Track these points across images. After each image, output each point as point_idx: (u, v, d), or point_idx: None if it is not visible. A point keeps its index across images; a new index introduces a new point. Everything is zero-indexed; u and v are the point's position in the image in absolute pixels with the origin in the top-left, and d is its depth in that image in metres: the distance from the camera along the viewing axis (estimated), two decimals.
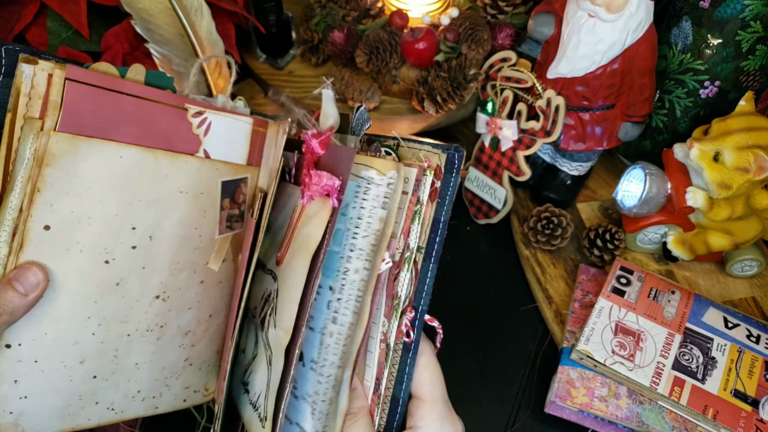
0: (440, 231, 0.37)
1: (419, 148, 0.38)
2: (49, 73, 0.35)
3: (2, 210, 0.35)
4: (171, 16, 0.56)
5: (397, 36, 0.68)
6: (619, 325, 0.60)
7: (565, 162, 0.71)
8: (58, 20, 0.58)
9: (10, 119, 0.35)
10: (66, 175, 0.35)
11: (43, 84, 0.35)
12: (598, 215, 0.74)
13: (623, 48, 0.59)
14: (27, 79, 0.35)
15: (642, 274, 0.64)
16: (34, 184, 0.34)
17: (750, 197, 0.60)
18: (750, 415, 0.54)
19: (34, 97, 0.35)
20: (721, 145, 0.57)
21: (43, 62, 0.35)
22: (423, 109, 0.68)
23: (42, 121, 0.35)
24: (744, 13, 0.58)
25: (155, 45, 0.58)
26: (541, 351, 0.64)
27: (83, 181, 0.36)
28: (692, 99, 0.66)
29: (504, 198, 0.70)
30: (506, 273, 0.71)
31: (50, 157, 0.34)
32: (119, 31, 0.60)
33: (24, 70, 0.35)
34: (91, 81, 0.35)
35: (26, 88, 0.35)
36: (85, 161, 0.36)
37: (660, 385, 0.56)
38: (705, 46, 0.62)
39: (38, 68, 0.35)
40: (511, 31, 0.71)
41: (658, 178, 0.62)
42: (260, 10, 0.68)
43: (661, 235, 0.67)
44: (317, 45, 0.72)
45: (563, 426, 0.58)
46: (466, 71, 0.66)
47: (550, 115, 0.63)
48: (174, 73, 0.61)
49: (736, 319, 0.61)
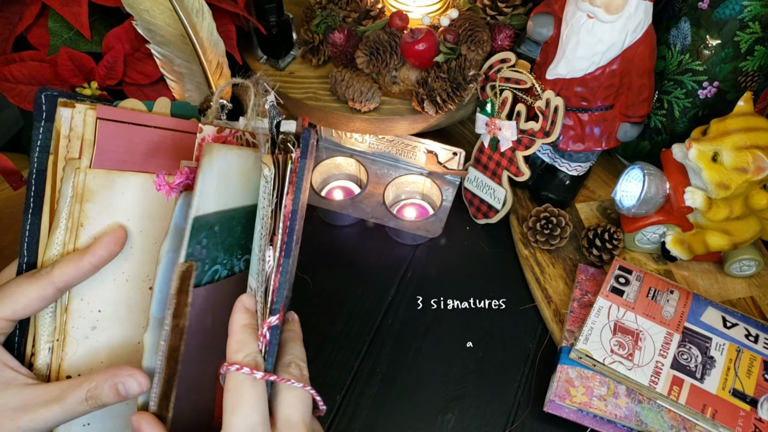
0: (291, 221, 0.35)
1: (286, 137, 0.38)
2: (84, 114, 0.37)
3: (49, 247, 0.36)
4: (172, 17, 0.57)
5: (397, 37, 0.68)
6: (617, 325, 0.60)
7: (564, 162, 0.72)
8: (59, 21, 0.59)
9: (53, 161, 0.37)
10: (105, 208, 0.37)
11: (80, 125, 0.37)
12: (597, 215, 0.74)
13: (622, 49, 0.59)
14: (65, 122, 0.36)
15: (641, 273, 0.65)
16: (76, 219, 0.36)
17: (748, 197, 0.60)
18: (748, 414, 0.54)
19: (73, 139, 0.37)
20: (720, 146, 0.57)
21: (80, 105, 0.37)
22: (423, 110, 0.68)
23: (80, 160, 0.36)
24: (743, 13, 0.59)
25: (156, 46, 0.58)
26: (541, 350, 0.64)
27: (122, 213, 0.37)
28: (691, 99, 0.66)
29: (503, 198, 0.70)
30: (506, 273, 0.71)
31: (89, 193, 0.36)
32: (120, 31, 0.60)
33: (62, 114, 0.36)
34: (120, 118, 0.37)
35: (65, 131, 0.37)
36: (123, 194, 0.37)
37: (659, 384, 0.56)
38: (704, 47, 0.62)
39: (75, 111, 0.36)
40: (510, 32, 0.71)
41: (656, 179, 0.62)
42: (261, 11, 0.68)
43: (659, 235, 0.67)
44: (318, 46, 0.72)
45: (562, 425, 0.58)
46: (465, 72, 0.66)
47: (549, 116, 0.63)
48: (175, 73, 0.61)
49: (735, 318, 0.61)
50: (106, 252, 0.36)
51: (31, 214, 0.37)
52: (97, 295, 0.38)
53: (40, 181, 0.37)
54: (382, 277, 0.70)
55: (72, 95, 0.37)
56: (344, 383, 0.62)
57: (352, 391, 0.61)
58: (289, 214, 0.34)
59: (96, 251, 0.36)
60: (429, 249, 0.73)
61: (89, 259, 0.36)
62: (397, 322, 0.67)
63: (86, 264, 0.36)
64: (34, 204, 0.37)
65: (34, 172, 0.37)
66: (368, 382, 0.62)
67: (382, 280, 0.70)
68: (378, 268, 0.71)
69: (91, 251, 0.36)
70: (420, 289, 0.69)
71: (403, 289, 0.69)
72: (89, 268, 0.36)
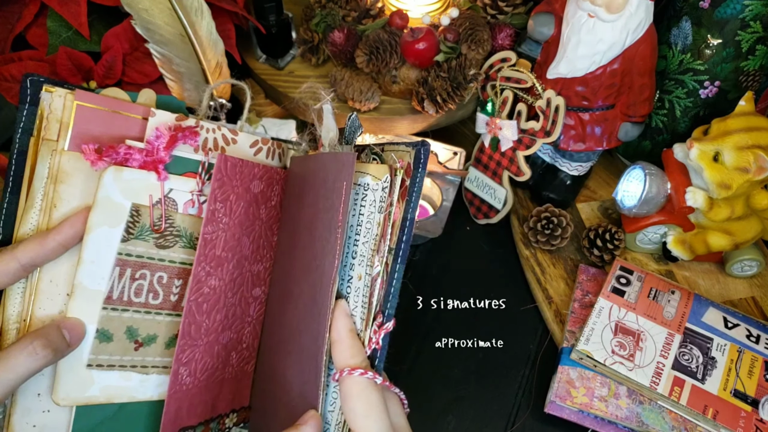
0: (408, 230, 0.36)
1: (393, 149, 0.38)
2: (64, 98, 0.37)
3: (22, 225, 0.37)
4: (171, 17, 0.56)
5: (397, 36, 0.68)
6: (618, 325, 0.60)
7: (565, 162, 0.71)
8: (58, 20, 0.58)
9: (33, 143, 0.37)
10: (79, 191, 0.37)
11: (59, 109, 0.37)
12: (598, 215, 0.74)
13: (623, 48, 0.59)
14: (46, 104, 0.37)
15: (642, 274, 0.64)
16: (50, 200, 0.37)
17: (750, 197, 0.60)
18: (750, 415, 0.54)
19: (51, 121, 0.37)
20: (721, 145, 0.57)
21: (59, 88, 0.37)
22: (423, 110, 0.68)
23: (57, 142, 0.37)
24: (744, 13, 0.59)
25: (155, 45, 0.58)
26: (541, 351, 0.64)
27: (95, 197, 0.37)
28: (692, 99, 0.66)
29: (504, 198, 0.70)
30: (506, 273, 0.71)
31: (63, 174, 0.37)
32: (119, 31, 0.60)
33: (43, 97, 0.37)
34: (99, 104, 0.38)
35: (45, 113, 0.37)
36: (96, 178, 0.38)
37: (660, 385, 0.56)
38: (705, 47, 0.62)
39: (56, 95, 0.37)
40: (511, 32, 0.71)
41: (657, 178, 0.62)
42: (260, 11, 0.68)
43: (660, 235, 0.67)
44: (317, 45, 0.72)
45: (563, 426, 0.58)
46: (466, 71, 0.66)
47: (549, 116, 0.63)
48: (174, 73, 0.61)
49: (736, 319, 0.61)
50: (72, 231, 0.36)
51: (9, 193, 0.37)
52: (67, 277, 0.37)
53: (21, 161, 0.37)
54: None
55: (57, 82, 0.38)
56: None
57: None
58: (406, 222, 0.36)
59: (62, 230, 0.36)
60: (429, 249, 0.73)
61: (54, 237, 0.36)
62: (397, 322, 0.66)
63: (50, 241, 0.36)
64: (13, 183, 0.37)
65: (15, 153, 0.37)
66: None
67: None
68: None
69: (56, 229, 0.36)
70: (420, 289, 0.69)
71: (403, 289, 0.69)
72: (54, 245, 0.36)
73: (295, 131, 0.71)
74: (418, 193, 0.36)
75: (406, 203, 0.36)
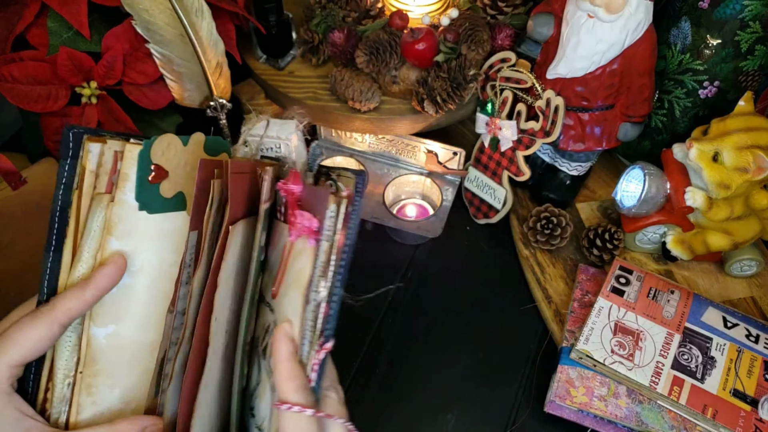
0: (346, 255, 0.36)
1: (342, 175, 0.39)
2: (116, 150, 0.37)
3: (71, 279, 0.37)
4: (171, 17, 0.56)
5: (397, 36, 0.68)
6: (618, 325, 0.60)
7: (565, 162, 0.72)
8: (58, 20, 0.59)
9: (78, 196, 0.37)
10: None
11: (110, 161, 0.37)
12: (598, 215, 0.74)
13: (622, 48, 0.59)
14: (94, 157, 0.37)
15: (641, 273, 0.64)
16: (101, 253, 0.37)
17: (749, 197, 0.60)
18: (749, 414, 0.54)
19: (101, 174, 0.37)
20: (720, 145, 0.57)
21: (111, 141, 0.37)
22: (423, 110, 0.68)
23: (111, 195, 0.37)
24: (743, 13, 0.59)
25: (156, 45, 0.58)
26: (541, 350, 0.64)
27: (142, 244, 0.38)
28: (691, 99, 0.66)
29: (503, 198, 0.70)
30: (506, 273, 0.71)
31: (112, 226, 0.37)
32: (120, 31, 0.60)
33: (91, 149, 0.37)
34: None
35: (92, 166, 0.37)
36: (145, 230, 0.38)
37: (659, 384, 0.56)
38: (704, 47, 0.62)
39: (106, 147, 0.37)
40: (510, 32, 0.71)
41: (657, 178, 0.62)
42: (260, 11, 0.68)
43: (660, 235, 0.67)
44: (317, 45, 0.72)
45: (563, 425, 0.58)
46: (465, 72, 0.66)
47: (549, 116, 0.63)
48: (174, 73, 0.61)
49: (735, 318, 0.61)
50: (107, 282, 0.36)
51: (52, 251, 0.37)
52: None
53: (63, 218, 0.37)
54: (382, 277, 0.70)
55: (97, 131, 0.37)
56: (344, 383, 0.62)
57: (352, 391, 0.61)
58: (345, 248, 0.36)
59: (98, 282, 0.35)
60: (429, 249, 0.73)
61: (92, 292, 0.35)
62: (397, 322, 0.67)
63: (89, 296, 0.35)
64: (56, 241, 0.37)
65: (57, 210, 0.37)
66: (368, 383, 0.62)
67: (382, 280, 0.70)
68: (378, 268, 0.71)
69: (93, 283, 0.35)
70: (420, 289, 0.69)
71: (403, 289, 0.69)
72: (92, 300, 0.36)
73: (294, 131, 0.71)
74: (356, 220, 0.36)
75: (347, 230, 0.36)
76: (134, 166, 0.36)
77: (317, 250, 0.36)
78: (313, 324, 0.36)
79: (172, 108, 0.67)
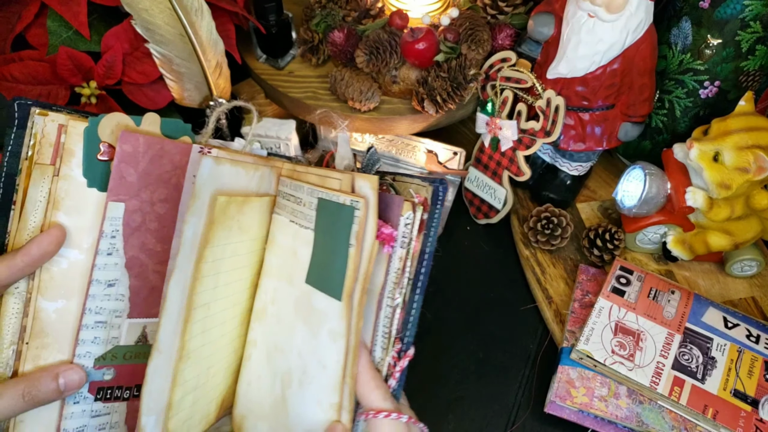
0: (426, 263, 0.37)
1: (409, 182, 0.39)
2: (61, 124, 0.37)
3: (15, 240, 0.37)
4: (171, 16, 0.56)
5: (397, 36, 0.68)
6: (618, 325, 0.60)
7: (565, 162, 0.71)
8: (58, 20, 0.58)
9: (27, 165, 0.37)
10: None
11: (53, 133, 0.37)
12: (598, 215, 0.74)
13: (623, 48, 0.59)
14: (38, 128, 0.37)
15: (642, 274, 0.64)
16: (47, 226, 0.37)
17: (749, 197, 0.60)
18: (750, 414, 0.54)
19: (44, 145, 0.37)
20: (721, 145, 0.57)
21: (53, 113, 0.38)
22: (423, 110, 0.68)
23: (54, 166, 0.37)
24: (744, 13, 0.59)
25: (155, 45, 0.58)
26: (541, 351, 0.64)
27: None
28: (692, 99, 0.66)
29: (504, 198, 0.70)
30: (506, 273, 0.71)
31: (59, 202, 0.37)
32: (119, 31, 0.60)
33: (35, 121, 0.37)
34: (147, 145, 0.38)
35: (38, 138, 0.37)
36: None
37: (660, 384, 0.56)
38: (705, 47, 0.62)
39: (48, 119, 0.37)
40: (511, 32, 0.71)
41: (657, 178, 0.62)
42: (260, 11, 0.68)
43: (660, 235, 0.67)
44: (317, 45, 0.72)
45: (563, 426, 0.58)
46: (466, 71, 0.66)
47: (549, 115, 0.63)
48: (174, 73, 0.61)
49: (736, 319, 0.61)
50: (39, 251, 0.36)
51: None
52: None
53: (9, 184, 0.38)
54: None
55: (47, 105, 0.38)
56: None
57: None
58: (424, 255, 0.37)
59: (30, 250, 0.36)
60: None
61: (22, 258, 0.36)
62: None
63: (20, 263, 0.36)
64: (2, 207, 0.38)
65: (2, 176, 0.37)
66: None
67: None
68: None
69: (25, 250, 0.36)
70: None
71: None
72: (22, 266, 0.36)
73: (294, 131, 0.71)
74: (436, 228, 0.37)
75: (424, 236, 0.37)
76: (80, 143, 0.37)
77: (392, 256, 0.36)
78: (387, 330, 0.37)
79: (172, 108, 0.67)
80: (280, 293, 0.39)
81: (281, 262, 0.40)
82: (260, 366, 0.40)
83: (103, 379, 0.38)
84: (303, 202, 0.38)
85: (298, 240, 0.38)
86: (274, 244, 0.40)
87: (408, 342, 0.38)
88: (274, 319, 0.40)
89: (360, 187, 0.36)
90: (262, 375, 0.40)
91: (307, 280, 0.38)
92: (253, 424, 0.40)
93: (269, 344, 0.40)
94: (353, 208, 0.35)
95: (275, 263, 0.40)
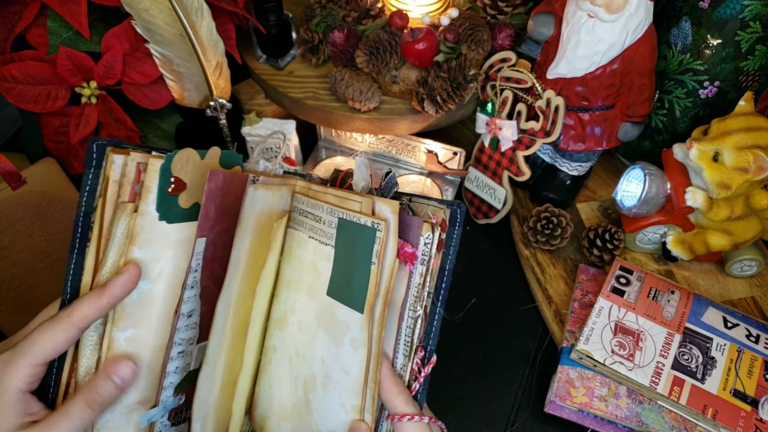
0: (446, 278, 0.40)
1: (426, 203, 0.41)
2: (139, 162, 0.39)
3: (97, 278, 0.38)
4: (171, 17, 0.56)
5: (397, 36, 0.68)
6: (618, 325, 0.60)
7: (565, 162, 0.71)
8: (58, 20, 0.58)
9: (102, 203, 0.39)
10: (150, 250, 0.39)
11: (132, 171, 0.39)
12: (598, 215, 0.74)
13: (623, 48, 0.59)
14: (118, 168, 0.39)
15: (641, 274, 0.64)
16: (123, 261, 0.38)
17: (749, 197, 0.60)
18: (749, 414, 0.54)
19: (124, 184, 0.39)
20: (721, 145, 0.57)
21: (134, 153, 0.39)
22: (423, 110, 0.68)
23: (134, 203, 0.38)
24: (743, 13, 0.59)
25: (156, 45, 0.58)
26: (541, 351, 0.64)
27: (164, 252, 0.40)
28: (692, 99, 0.66)
29: (504, 198, 0.70)
30: (506, 273, 0.71)
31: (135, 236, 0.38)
32: (120, 31, 0.60)
33: (114, 160, 0.38)
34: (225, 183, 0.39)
35: (116, 176, 0.39)
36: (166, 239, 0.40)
37: (659, 384, 0.56)
38: (704, 47, 0.62)
39: (129, 159, 0.39)
40: (510, 32, 0.71)
41: (657, 179, 0.62)
42: (260, 11, 0.68)
43: (660, 235, 0.67)
44: (317, 45, 0.72)
45: (563, 425, 0.58)
46: (465, 72, 0.66)
47: (549, 116, 0.63)
48: (174, 73, 0.61)
49: (736, 318, 0.61)
50: (121, 290, 0.38)
51: (75, 254, 0.39)
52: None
53: (86, 223, 0.39)
54: None
55: (119, 143, 0.39)
56: None
57: None
58: (444, 272, 0.40)
59: (112, 291, 0.38)
60: None
61: (107, 299, 0.37)
62: None
63: (104, 303, 0.37)
64: (79, 245, 0.39)
65: (81, 215, 0.39)
66: None
67: None
68: None
69: (107, 291, 0.38)
70: None
71: None
72: (107, 307, 0.38)
73: (295, 131, 0.71)
74: (455, 247, 0.40)
75: (443, 255, 0.40)
76: (156, 179, 0.38)
77: (413, 272, 0.39)
78: (408, 339, 0.40)
79: (172, 108, 0.67)
80: (301, 304, 0.41)
81: (300, 275, 0.42)
82: (281, 370, 0.42)
83: (178, 404, 0.40)
84: (323, 221, 0.40)
85: (318, 255, 0.40)
86: (292, 257, 0.42)
87: (431, 350, 0.40)
88: (296, 327, 0.41)
89: (381, 210, 0.38)
90: (283, 379, 0.42)
91: (328, 292, 0.40)
92: (276, 424, 0.42)
93: (290, 350, 0.42)
94: (375, 229, 0.37)
95: (294, 276, 0.42)
